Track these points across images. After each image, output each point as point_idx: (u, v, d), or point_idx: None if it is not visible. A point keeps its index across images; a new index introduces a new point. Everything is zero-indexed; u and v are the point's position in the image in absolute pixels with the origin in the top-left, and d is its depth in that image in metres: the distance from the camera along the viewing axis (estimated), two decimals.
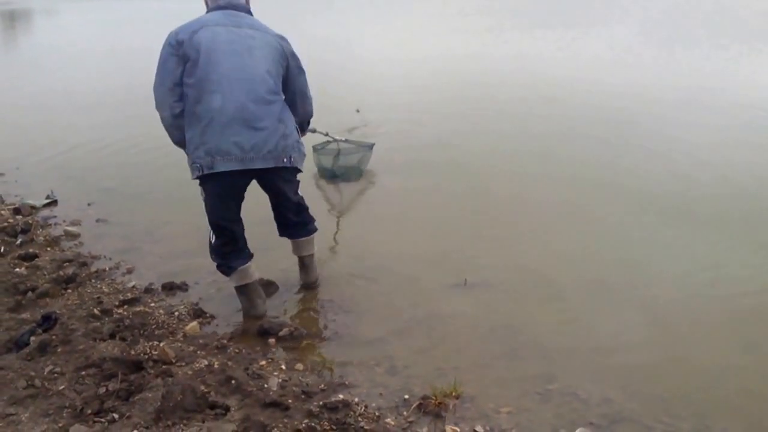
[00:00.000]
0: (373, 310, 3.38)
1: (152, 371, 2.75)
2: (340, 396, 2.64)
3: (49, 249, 4.20)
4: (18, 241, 4.29)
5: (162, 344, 2.95)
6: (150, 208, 4.92)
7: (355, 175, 5.49)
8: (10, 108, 8.87)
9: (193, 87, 2.97)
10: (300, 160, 3.18)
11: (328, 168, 5.50)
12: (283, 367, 2.88)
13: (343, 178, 5.44)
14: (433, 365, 2.88)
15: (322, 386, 2.72)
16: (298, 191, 3.37)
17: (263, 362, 2.91)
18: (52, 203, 5.09)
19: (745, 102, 7.62)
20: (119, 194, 5.28)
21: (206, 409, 2.52)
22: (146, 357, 2.84)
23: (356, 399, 2.63)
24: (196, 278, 3.75)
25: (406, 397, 2.66)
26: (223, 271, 3.29)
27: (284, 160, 3.07)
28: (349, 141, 5.71)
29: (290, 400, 2.58)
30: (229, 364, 2.83)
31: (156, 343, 2.96)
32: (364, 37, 15.19)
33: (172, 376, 2.69)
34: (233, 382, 2.67)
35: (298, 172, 3.25)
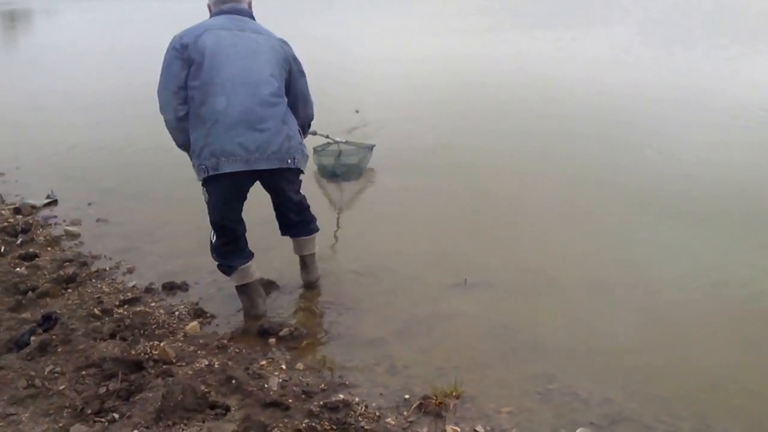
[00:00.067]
0: (374, 310, 3.38)
1: (153, 371, 2.75)
2: (341, 396, 2.64)
3: (49, 249, 4.21)
4: (18, 241, 4.29)
5: (162, 344, 2.95)
6: (150, 208, 4.93)
7: (356, 174, 5.49)
8: (11, 108, 8.87)
9: (197, 89, 2.97)
10: (303, 162, 3.20)
11: (329, 168, 5.51)
12: (284, 367, 2.89)
13: (344, 178, 5.44)
14: (433, 365, 2.88)
15: (323, 386, 2.73)
16: (300, 191, 3.38)
17: (264, 362, 2.91)
18: (53, 203, 5.09)
19: (745, 102, 7.62)
20: (119, 194, 5.28)
21: (206, 409, 2.52)
22: (147, 357, 2.84)
23: (357, 399, 2.63)
24: (197, 278, 3.75)
25: (407, 396, 2.66)
26: (224, 271, 3.29)
27: (288, 162, 3.08)
28: (350, 143, 5.72)
29: (291, 400, 2.59)
30: (230, 363, 2.83)
31: (156, 343, 2.97)
32: (363, 37, 15.18)
33: (172, 376, 2.69)
34: (233, 381, 2.67)
35: (300, 173, 3.27)
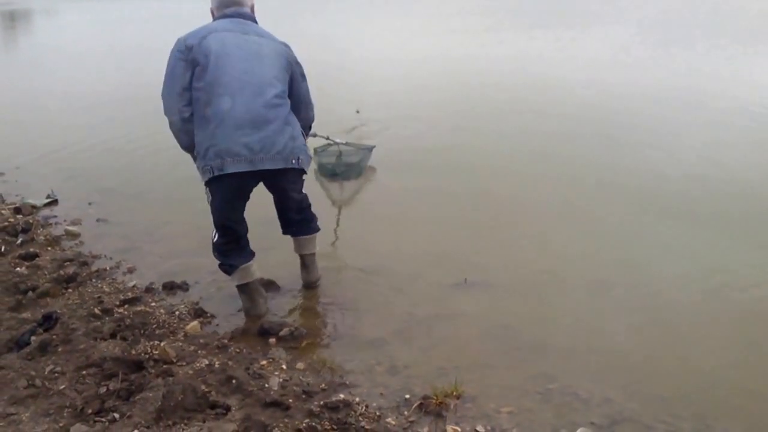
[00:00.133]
0: (374, 310, 3.38)
1: (153, 371, 2.75)
2: (341, 396, 2.64)
3: (49, 248, 4.20)
4: (19, 241, 4.29)
5: (163, 344, 2.95)
6: (150, 208, 4.93)
7: (356, 173, 5.50)
8: (11, 107, 8.87)
9: (202, 90, 2.99)
10: (307, 163, 3.21)
11: (329, 166, 5.51)
12: (284, 367, 2.88)
13: (343, 177, 5.45)
14: (433, 365, 2.88)
15: (323, 386, 2.73)
16: (302, 190, 3.39)
17: (264, 362, 2.91)
18: (53, 203, 5.09)
19: (745, 101, 7.63)
20: (119, 194, 5.28)
21: (207, 409, 2.52)
22: (147, 356, 2.84)
23: (357, 399, 2.63)
24: (197, 278, 3.75)
25: (407, 396, 2.66)
26: (225, 270, 3.29)
27: (293, 162, 3.10)
28: (350, 144, 5.72)
29: (291, 400, 2.59)
30: (230, 363, 2.83)
31: (157, 343, 2.96)
32: (363, 37, 15.19)
33: (172, 376, 2.69)
34: (234, 381, 2.67)
35: (303, 174, 3.29)
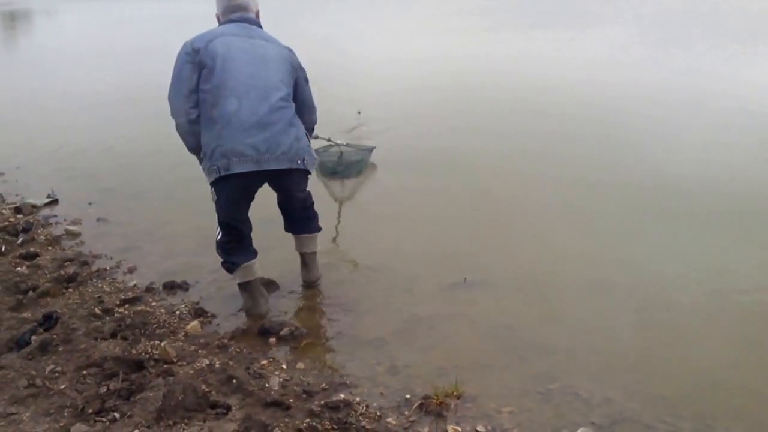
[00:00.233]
0: (374, 310, 3.38)
1: (153, 370, 2.75)
2: (342, 395, 2.64)
3: (50, 248, 4.21)
4: (19, 240, 4.29)
5: (163, 343, 2.95)
6: (150, 208, 4.93)
7: (356, 171, 5.52)
8: (11, 107, 8.87)
9: (209, 92, 3.03)
10: (312, 164, 3.25)
11: (329, 165, 5.52)
12: (284, 367, 2.89)
13: (344, 175, 5.46)
14: (433, 365, 2.88)
15: (324, 386, 2.73)
16: (306, 188, 3.42)
17: (264, 361, 2.91)
18: (53, 202, 5.09)
19: (745, 101, 7.62)
20: (120, 194, 5.28)
21: (207, 409, 2.52)
22: (147, 356, 2.85)
23: (357, 398, 2.63)
24: (197, 277, 3.75)
25: (408, 396, 2.66)
26: (227, 268, 3.31)
27: (298, 162, 3.13)
28: (350, 145, 5.74)
29: (291, 400, 2.59)
30: (231, 363, 2.83)
31: (157, 343, 2.97)
32: (363, 37, 15.19)
33: (173, 376, 2.69)
34: (234, 381, 2.67)
35: (308, 174, 3.32)
